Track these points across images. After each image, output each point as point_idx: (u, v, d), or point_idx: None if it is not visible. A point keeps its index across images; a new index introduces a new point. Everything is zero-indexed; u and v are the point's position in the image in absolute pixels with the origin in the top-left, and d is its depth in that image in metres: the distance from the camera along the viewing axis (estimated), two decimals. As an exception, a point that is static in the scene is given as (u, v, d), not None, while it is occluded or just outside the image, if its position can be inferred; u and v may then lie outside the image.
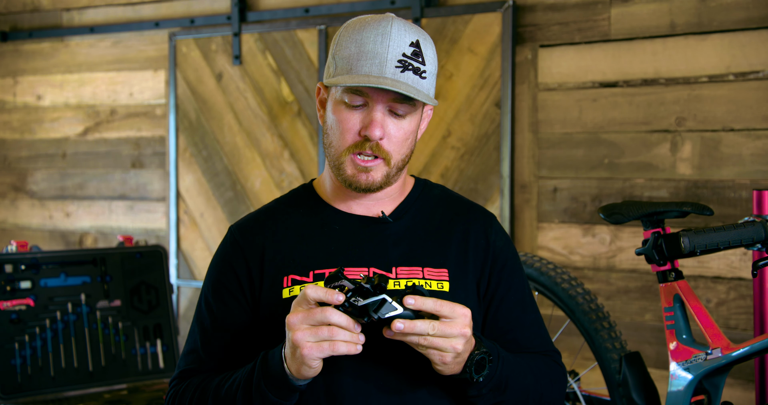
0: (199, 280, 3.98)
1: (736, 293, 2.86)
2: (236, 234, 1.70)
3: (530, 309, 1.72)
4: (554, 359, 1.72)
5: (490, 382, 1.54)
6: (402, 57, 1.55)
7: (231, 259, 1.68)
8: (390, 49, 1.55)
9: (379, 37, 1.56)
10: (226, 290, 1.66)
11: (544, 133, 3.17)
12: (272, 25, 3.75)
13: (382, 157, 1.59)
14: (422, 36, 1.60)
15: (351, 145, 1.59)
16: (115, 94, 4.24)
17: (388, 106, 1.57)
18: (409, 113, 1.59)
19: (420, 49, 1.57)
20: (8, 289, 2.71)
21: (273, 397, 1.50)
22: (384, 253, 1.64)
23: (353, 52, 1.56)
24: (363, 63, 1.55)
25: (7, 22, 4.54)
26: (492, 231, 1.71)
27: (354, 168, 1.60)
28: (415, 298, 1.43)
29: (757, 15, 2.80)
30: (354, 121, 1.58)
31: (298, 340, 1.43)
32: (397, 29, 1.56)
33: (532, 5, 3.18)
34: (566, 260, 3.15)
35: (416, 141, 1.66)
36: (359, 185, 1.60)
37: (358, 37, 1.57)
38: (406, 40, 1.56)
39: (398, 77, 1.55)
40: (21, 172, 4.55)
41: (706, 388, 2.14)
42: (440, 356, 1.45)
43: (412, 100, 1.57)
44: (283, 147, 3.74)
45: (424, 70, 1.57)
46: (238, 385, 1.54)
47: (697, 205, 2.18)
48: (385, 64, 1.54)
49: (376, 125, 1.56)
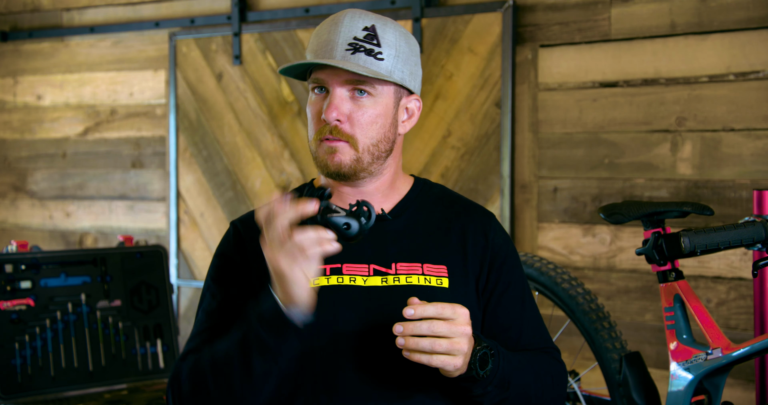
0: (199, 280, 3.97)
1: (736, 293, 2.86)
2: (239, 226, 1.72)
3: (529, 306, 1.73)
4: (554, 356, 1.72)
5: (495, 378, 1.54)
6: (353, 40, 1.61)
7: (233, 250, 1.70)
8: (341, 35, 1.61)
9: (333, 27, 1.63)
10: (229, 276, 1.68)
11: (545, 133, 3.17)
12: (272, 25, 3.75)
13: (344, 139, 1.61)
14: (381, 21, 1.64)
15: (317, 131, 1.64)
16: (115, 94, 4.24)
17: (346, 89, 1.61)
18: (372, 96, 1.62)
19: (375, 33, 1.62)
20: (8, 289, 2.71)
21: (269, 340, 1.47)
22: (383, 250, 1.65)
23: (313, 45, 1.64)
24: (318, 52, 1.62)
25: (7, 22, 4.54)
26: (491, 229, 1.72)
27: (323, 151, 1.63)
28: (414, 308, 1.43)
29: (758, 15, 2.80)
30: (317, 107, 1.64)
31: (271, 258, 1.44)
32: (351, 18, 1.62)
33: (532, 5, 3.18)
34: (566, 260, 3.15)
35: (395, 130, 1.67)
36: (329, 168, 1.63)
37: (318, 31, 1.65)
38: (359, 25, 1.62)
39: (348, 58, 1.60)
40: (21, 172, 4.55)
41: (707, 388, 2.14)
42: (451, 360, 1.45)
43: (369, 81, 1.60)
44: (283, 147, 3.74)
45: (380, 51, 1.61)
46: (233, 341, 1.52)
47: (697, 205, 2.18)
48: (335, 47, 1.60)
49: (330, 107, 1.60)
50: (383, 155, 1.66)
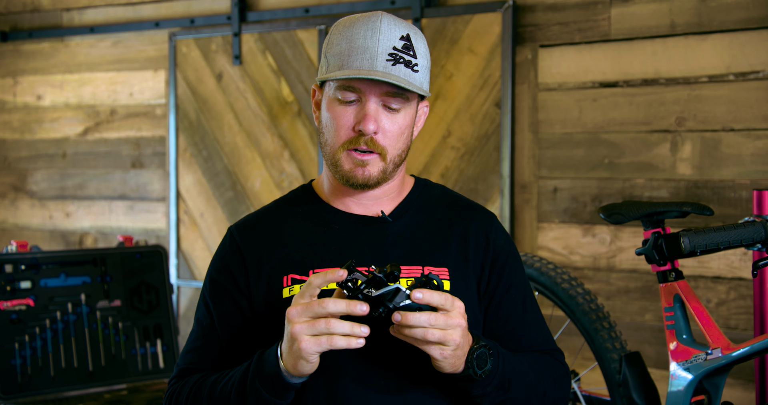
0: (199, 280, 3.98)
1: (736, 293, 2.86)
2: (235, 234, 1.70)
3: (531, 307, 1.72)
4: (556, 358, 1.71)
5: (494, 379, 1.53)
6: (393, 50, 1.57)
7: (229, 260, 1.68)
8: (380, 43, 1.56)
9: (369, 32, 1.57)
10: (224, 290, 1.67)
11: (544, 133, 3.17)
12: (272, 25, 3.75)
13: (377, 151, 1.59)
14: (412, 30, 1.61)
15: (346, 141, 1.59)
16: (115, 94, 4.24)
17: (381, 100, 1.58)
18: (403, 107, 1.60)
19: (411, 43, 1.59)
20: (8, 289, 2.71)
21: (266, 395, 1.49)
22: (383, 253, 1.64)
23: (344, 49, 1.58)
24: (354, 58, 1.57)
25: (7, 22, 4.54)
26: (492, 230, 1.71)
27: (351, 163, 1.60)
28: (423, 292, 1.42)
29: (757, 15, 2.80)
30: (348, 116, 1.59)
31: (296, 333, 1.42)
32: (387, 24, 1.58)
33: (532, 5, 3.18)
34: (566, 260, 3.15)
35: (412, 137, 1.67)
36: (356, 180, 1.61)
37: (349, 33, 1.59)
38: (396, 34, 1.58)
39: (390, 70, 1.56)
40: (21, 172, 4.55)
41: (707, 388, 2.14)
42: (440, 350, 1.44)
43: (404, 93, 1.58)
44: (283, 147, 3.74)
45: (416, 63, 1.59)
46: (233, 383, 1.54)
47: (697, 205, 2.18)
48: (376, 57, 1.56)
49: (369, 119, 1.57)
50: (401, 162, 1.65)
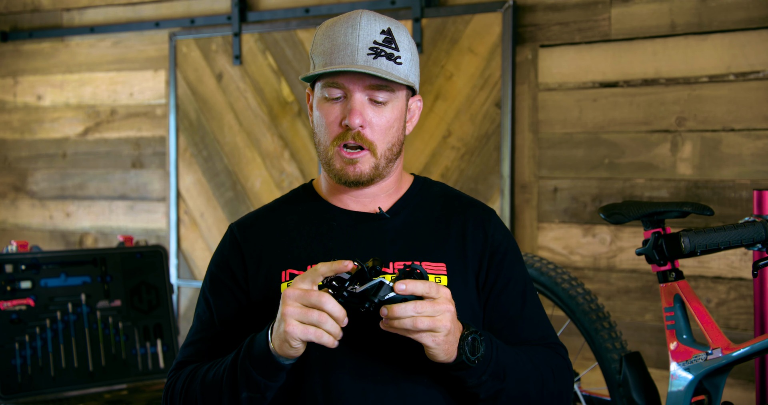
0: (199, 280, 3.98)
1: (736, 293, 2.86)
2: (235, 231, 1.73)
3: (531, 302, 1.71)
4: (557, 351, 1.70)
5: (488, 367, 1.53)
6: (373, 45, 1.60)
7: (228, 256, 1.70)
8: (360, 39, 1.60)
9: (350, 29, 1.60)
10: (223, 285, 1.69)
11: (545, 133, 3.17)
12: (272, 25, 3.75)
13: (366, 146, 1.61)
14: (394, 25, 1.64)
15: (335, 138, 1.62)
16: (116, 94, 4.24)
17: (366, 94, 1.61)
18: (390, 100, 1.62)
19: (392, 36, 1.62)
20: (8, 289, 2.71)
21: (256, 375, 1.52)
22: (381, 249, 1.65)
23: (327, 48, 1.61)
24: (336, 55, 1.60)
25: (7, 22, 4.54)
26: (490, 225, 1.71)
27: (341, 161, 1.62)
28: (406, 283, 1.44)
29: (757, 15, 2.80)
30: (335, 112, 1.62)
31: (286, 315, 1.45)
32: (367, 20, 1.61)
33: (532, 5, 3.18)
34: (566, 260, 3.15)
35: (405, 132, 1.69)
36: (348, 178, 1.63)
37: (331, 32, 1.62)
38: (376, 28, 1.61)
39: (371, 63, 1.59)
40: (21, 172, 4.55)
41: (707, 389, 2.14)
42: (432, 337, 1.45)
43: (389, 85, 1.61)
44: (283, 147, 3.74)
45: (399, 55, 1.61)
46: (225, 367, 1.56)
47: (697, 205, 2.18)
48: (357, 52, 1.59)
49: (354, 113, 1.59)
50: (394, 158, 1.67)
